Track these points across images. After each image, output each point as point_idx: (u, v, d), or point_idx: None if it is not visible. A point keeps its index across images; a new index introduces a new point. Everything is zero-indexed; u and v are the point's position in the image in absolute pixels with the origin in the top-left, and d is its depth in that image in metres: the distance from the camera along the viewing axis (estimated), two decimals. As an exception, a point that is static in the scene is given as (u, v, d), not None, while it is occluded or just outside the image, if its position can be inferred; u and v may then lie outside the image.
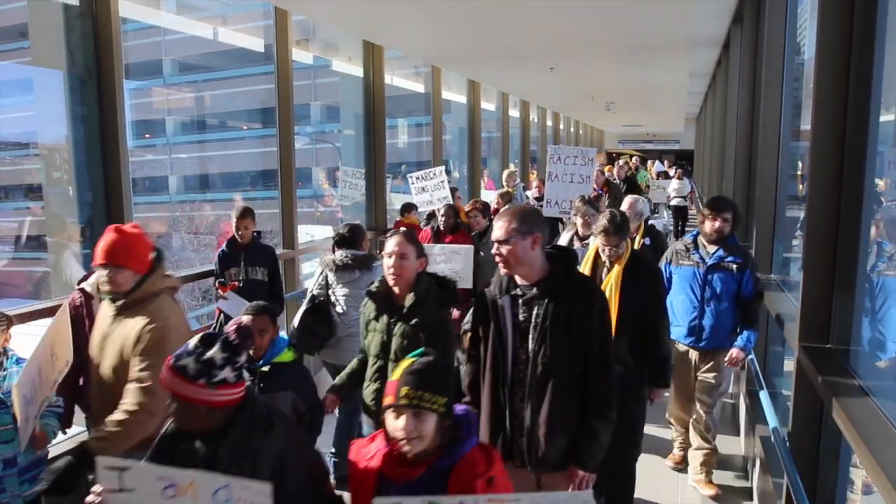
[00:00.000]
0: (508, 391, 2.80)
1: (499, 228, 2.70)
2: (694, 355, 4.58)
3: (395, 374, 2.14)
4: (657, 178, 18.60)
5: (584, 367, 2.72)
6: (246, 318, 3.35)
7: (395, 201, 9.38)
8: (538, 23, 7.48)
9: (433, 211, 7.48)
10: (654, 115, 22.83)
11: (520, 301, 2.77)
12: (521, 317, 2.75)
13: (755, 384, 4.51)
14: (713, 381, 4.54)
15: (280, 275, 5.75)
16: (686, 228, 16.23)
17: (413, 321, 3.31)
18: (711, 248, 4.45)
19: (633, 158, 23.39)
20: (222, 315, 5.33)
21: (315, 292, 4.73)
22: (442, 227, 6.63)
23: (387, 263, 3.33)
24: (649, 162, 27.12)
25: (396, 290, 3.35)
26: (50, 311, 4.59)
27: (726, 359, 4.41)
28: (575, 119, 25.84)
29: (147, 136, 35.59)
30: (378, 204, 8.92)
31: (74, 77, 4.81)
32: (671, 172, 21.49)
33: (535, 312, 2.72)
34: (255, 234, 5.56)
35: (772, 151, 5.35)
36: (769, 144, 5.38)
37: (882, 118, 2.84)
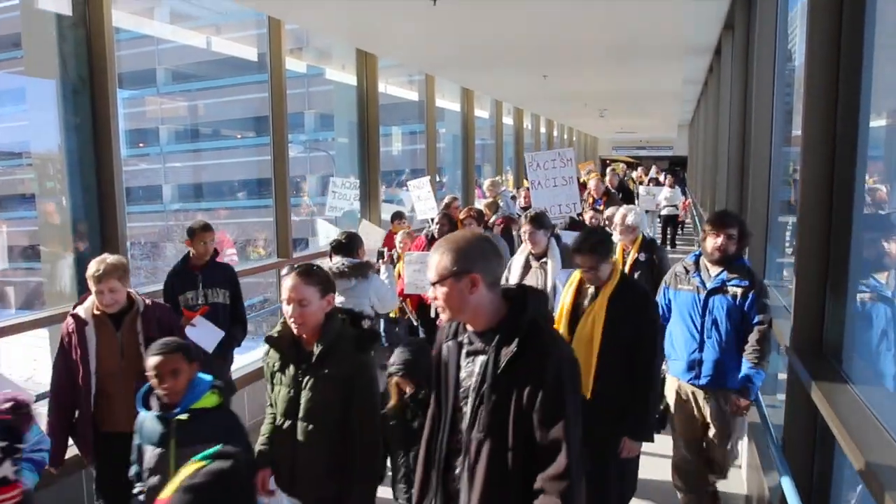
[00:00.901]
0: (443, 465, 2.20)
1: (431, 266, 2.08)
2: (699, 396, 3.91)
3: (167, 491, 1.70)
4: (648, 185, 17.99)
5: (535, 449, 2.00)
6: (151, 360, 2.82)
7: (383, 210, 9.40)
8: (531, 30, 7.52)
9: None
10: (648, 122, 22.94)
11: (464, 351, 2.16)
12: (463, 371, 2.15)
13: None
14: (721, 428, 3.89)
15: (241, 296, 5.07)
16: (677, 238, 16.04)
17: (325, 371, 2.79)
18: (714, 271, 3.83)
19: (621, 166, 22.62)
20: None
21: None
22: (437, 235, 6.61)
23: (285, 310, 2.81)
24: (640, 168, 26.90)
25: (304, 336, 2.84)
26: (43, 322, 4.59)
27: (727, 406, 3.79)
28: (569, 126, 25.94)
29: (141, 145, 35.49)
30: (372, 213, 8.92)
31: (68, 87, 4.80)
32: (663, 179, 20.60)
33: (475, 370, 2.10)
34: (215, 251, 4.96)
35: (764, 157, 5.38)
36: (761, 150, 5.41)
37: (872, 123, 2.86)
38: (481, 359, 2.08)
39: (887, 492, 1.91)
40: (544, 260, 4.75)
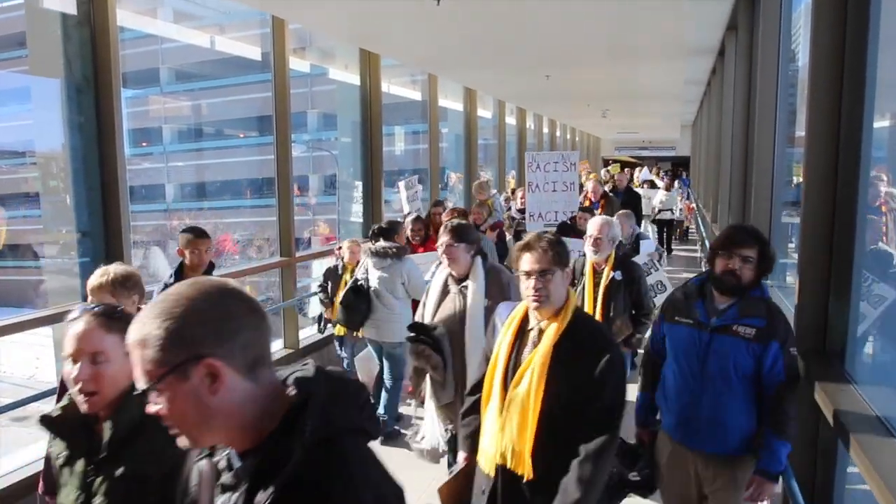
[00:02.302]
0: None
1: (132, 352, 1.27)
2: (696, 463, 2.97)
3: None
4: (642, 187, 17.09)
5: None
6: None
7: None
8: (534, 31, 7.51)
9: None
10: (650, 122, 22.90)
11: (220, 475, 1.30)
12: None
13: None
14: None
15: None
16: (680, 246, 15.54)
17: (120, 471, 1.87)
18: (722, 302, 2.91)
19: (616, 167, 22.19)
20: None
21: (358, 276, 5.49)
22: (410, 240, 6.45)
23: (65, 371, 1.93)
24: (637, 169, 26.49)
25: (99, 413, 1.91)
26: (45, 321, 4.60)
27: (746, 495, 2.81)
28: (571, 126, 25.91)
29: (144, 144, 35.56)
30: (375, 212, 8.92)
31: (72, 86, 4.81)
32: (659, 182, 19.49)
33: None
34: (210, 264, 4.33)
35: (767, 157, 5.37)
36: (764, 150, 5.40)
37: (876, 124, 2.86)
38: (231, 492, 1.24)
39: (891, 491, 1.92)
40: (465, 283, 3.75)
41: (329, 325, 6.54)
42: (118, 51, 4.92)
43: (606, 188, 10.31)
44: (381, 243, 5.38)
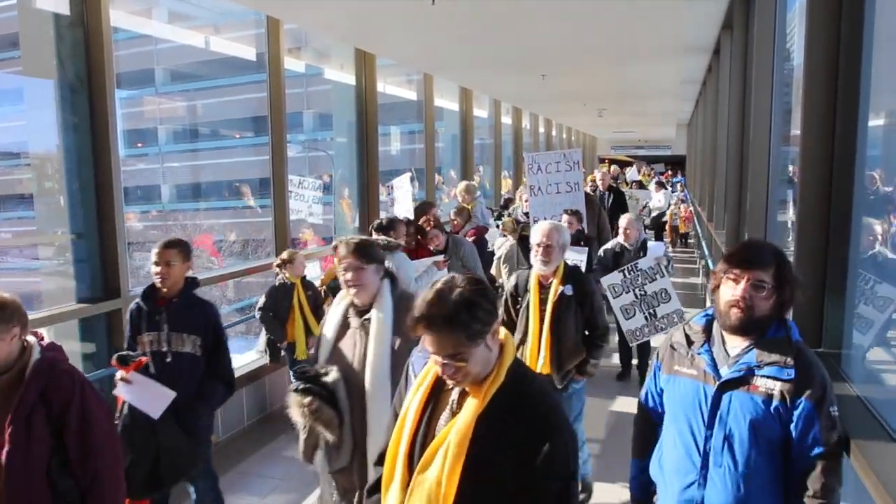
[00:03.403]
0: None
1: None
2: None
3: None
4: (630, 187, 16.50)
5: None
6: None
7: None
8: (530, 30, 7.51)
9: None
10: (646, 121, 22.92)
11: None
12: None
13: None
14: None
15: (224, 344, 3.81)
16: (678, 259, 15.23)
17: None
18: (735, 346, 2.27)
19: (613, 167, 21.37)
20: (125, 406, 3.55)
21: None
22: (407, 244, 6.25)
23: None
24: (626, 168, 26.23)
25: None
26: (40, 323, 4.58)
27: None
28: (567, 125, 25.92)
29: (139, 145, 35.44)
30: (371, 212, 8.91)
31: (65, 86, 4.79)
32: (649, 182, 19.07)
33: None
34: (187, 280, 3.74)
35: (762, 156, 5.38)
36: (760, 149, 5.41)
37: (871, 123, 2.87)
38: None
39: (888, 489, 1.92)
40: (367, 317, 3.00)
41: (283, 351, 5.88)
42: (112, 51, 4.90)
43: (587, 188, 10.07)
44: (377, 236, 5.47)
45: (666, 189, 15.68)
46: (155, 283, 3.68)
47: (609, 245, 6.71)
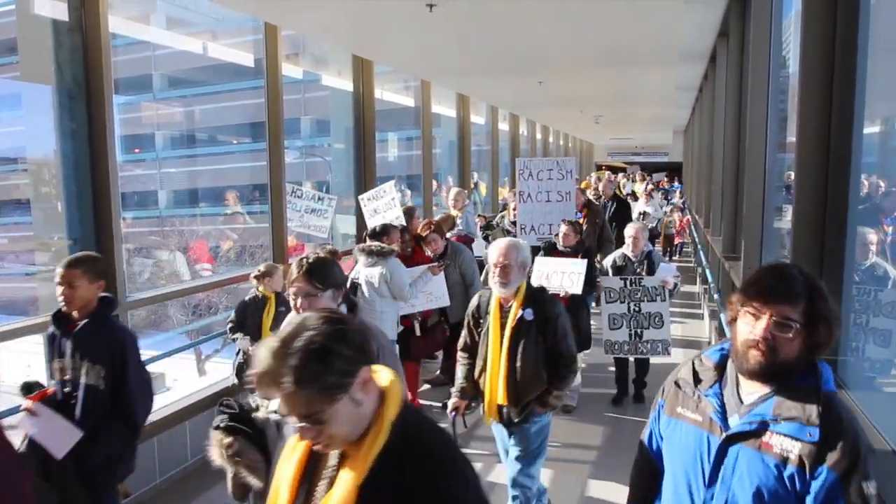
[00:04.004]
0: None
1: None
2: None
3: None
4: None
5: None
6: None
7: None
8: (527, 37, 7.54)
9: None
10: (643, 128, 23.00)
11: None
12: None
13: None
14: None
15: (139, 375, 3.36)
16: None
17: None
18: (752, 391, 1.86)
19: (608, 173, 21.10)
20: (25, 442, 3.21)
21: (351, 276, 5.53)
22: (402, 251, 6.27)
23: None
24: (620, 175, 26.08)
25: None
26: (37, 328, 4.57)
27: None
28: (564, 132, 25.98)
29: (136, 150, 35.43)
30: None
31: (63, 92, 4.79)
32: (638, 189, 18.51)
33: None
34: (102, 300, 3.37)
35: (758, 163, 5.39)
36: (756, 156, 5.43)
37: (866, 129, 2.88)
38: None
39: (883, 495, 1.92)
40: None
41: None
42: (110, 57, 4.90)
43: (590, 194, 9.79)
44: (370, 242, 5.60)
45: (652, 197, 15.25)
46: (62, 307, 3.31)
47: (612, 256, 6.43)
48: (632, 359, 6.37)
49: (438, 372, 7.22)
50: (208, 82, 33.71)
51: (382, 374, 1.65)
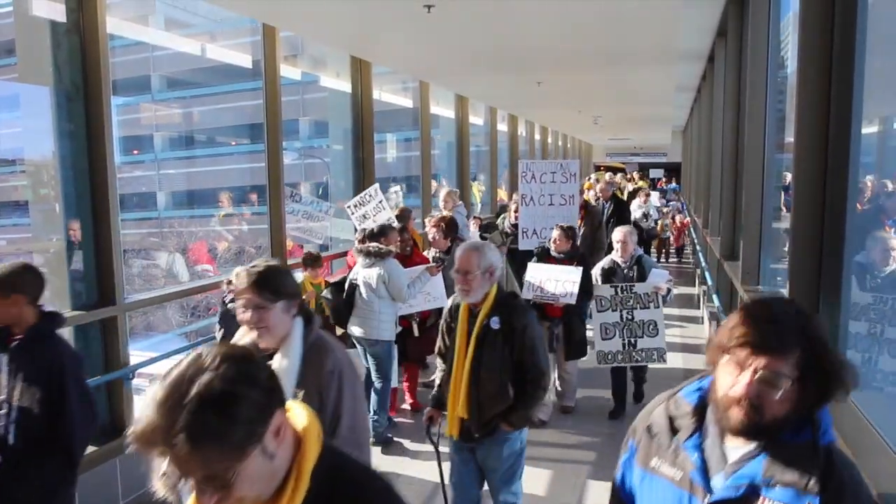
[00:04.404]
0: None
1: None
2: None
3: None
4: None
5: None
6: None
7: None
8: (525, 37, 7.54)
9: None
10: (641, 128, 23.00)
11: None
12: None
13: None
14: None
15: (81, 402, 3.04)
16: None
17: None
18: (737, 446, 1.55)
19: (608, 174, 21.03)
20: None
21: (350, 276, 5.74)
22: (401, 251, 6.31)
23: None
24: (619, 175, 25.95)
25: None
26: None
27: None
28: (563, 132, 25.99)
29: (135, 152, 35.44)
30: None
31: (61, 93, 4.79)
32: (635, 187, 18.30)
33: None
34: (41, 314, 3.07)
35: (757, 163, 5.40)
36: (754, 156, 5.43)
37: (864, 130, 2.88)
38: None
39: (884, 500, 1.92)
40: (270, 362, 2.41)
41: None
42: (108, 58, 4.90)
43: (590, 195, 9.85)
44: (368, 243, 5.64)
45: (639, 199, 14.69)
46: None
47: (600, 263, 6.12)
48: (630, 372, 6.18)
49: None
50: (207, 84, 33.72)
51: (297, 414, 1.40)
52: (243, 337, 2.50)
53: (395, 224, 6.55)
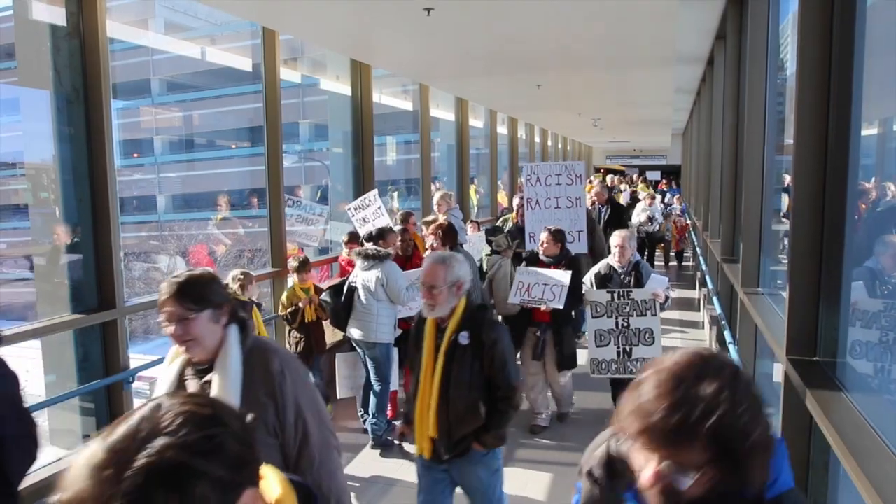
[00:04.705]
0: None
1: None
2: None
3: None
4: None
5: None
6: None
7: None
8: (524, 40, 7.55)
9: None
10: (641, 131, 23.02)
11: None
12: None
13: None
14: None
15: (21, 429, 2.73)
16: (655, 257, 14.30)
17: None
18: None
19: (609, 177, 20.75)
20: None
21: (349, 279, 5.75)
22: (401, 252, 6.36)
23: None
24: (609, 177, 25.75)
25: None
26: (35, 333, 4.57)
27: None
28: (563, 135, 26.01)
29: (135, 155, 35.48)
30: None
31: (61, 97, 4.80)
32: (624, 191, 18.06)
33: None
34: None
35: (756, 166, 5.40)
36: (754, 158, 5.43)
37: (864, 132, 2.89)
38: None
39: (883, 499, 1.91)
40: (208, 379, 2.22)
41: None
42: (108, 62, 4.91)
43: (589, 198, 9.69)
44: (367, 246, 5.68)
45: (644, 202, 14.66)
46: None
47: (596, 268, 5.87)
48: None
49: None
50: (207, 87, 33.77)
51: (270, 486, 1.20)
52: (178, 355, 2.30)
53: (396, 227, 6.55)
